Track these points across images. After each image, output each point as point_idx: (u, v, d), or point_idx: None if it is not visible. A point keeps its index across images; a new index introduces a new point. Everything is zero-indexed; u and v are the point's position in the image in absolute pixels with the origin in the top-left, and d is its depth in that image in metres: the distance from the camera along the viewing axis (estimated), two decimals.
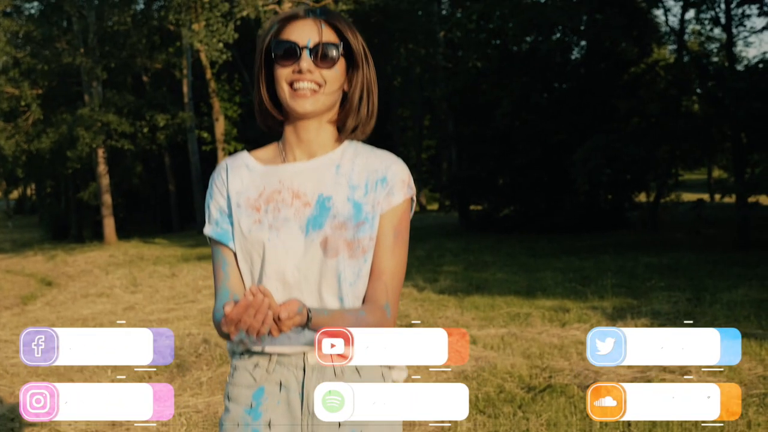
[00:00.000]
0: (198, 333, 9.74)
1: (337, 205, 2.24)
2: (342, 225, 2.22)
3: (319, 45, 2.22)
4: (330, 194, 2.25)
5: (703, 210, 24.39)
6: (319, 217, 2.23)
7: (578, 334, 9.04)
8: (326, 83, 2.24)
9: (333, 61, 2.24)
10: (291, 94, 2.24)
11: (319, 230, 2.21)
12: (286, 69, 2.24)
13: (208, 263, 19.88)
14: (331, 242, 2.20)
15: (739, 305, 10.87)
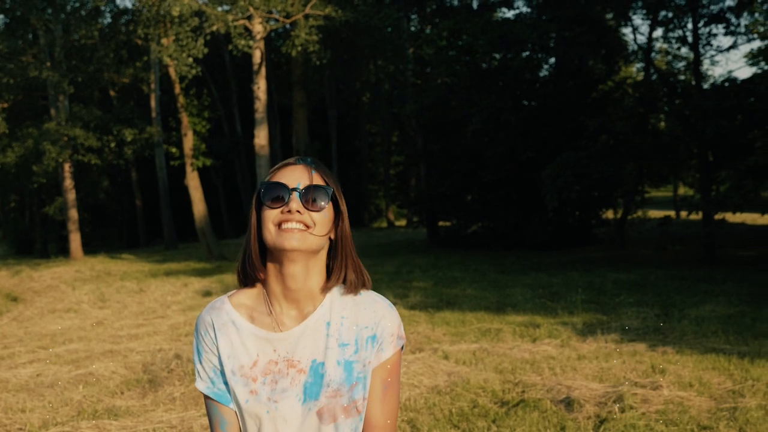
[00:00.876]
0: (169, 348, 9.69)
1: (329, 372, 2.22)
2: (336, 392, 2.21)
3: (310, 187, 2.20)
4: (322, 360, 2.23)
5: (669, 227, 24.57)
6: (314, 386, 2.21)
7: (549, 350, 9.08)
8: (315, 225, 2.19)
9: (322, 204, 2.20)
10: (278, 232, 2.17)
11: (315, 400, 2.20)
12: (274, 211, 2.19)
13: (176, 279, 19.79)
14: (328, 410, 2.20)
15: (707, 321, 10.96)
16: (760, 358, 8.20)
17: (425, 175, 32.78)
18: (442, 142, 29.15)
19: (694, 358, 8.32)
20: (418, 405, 6.88)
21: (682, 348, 8.97)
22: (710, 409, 6.39)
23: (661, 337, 9.90)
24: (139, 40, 32.90)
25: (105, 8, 35.60)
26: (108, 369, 8.56)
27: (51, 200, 36.32)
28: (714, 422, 6.01)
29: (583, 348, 9.18)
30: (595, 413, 6.36)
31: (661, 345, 9.22)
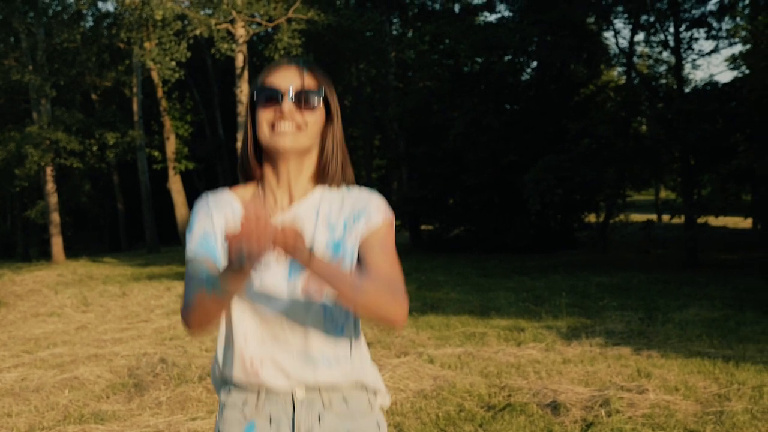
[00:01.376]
0: (154, 352, 9.66)
1: (318, 248, 2.27)
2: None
3: (302, 91, 2.27)
4: (310, 243, 2.27)
5: (652, 230, 24.67)
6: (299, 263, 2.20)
7: (534, 353, 9.09)
8: (307, 126, 2.28)
9: (314, 106, 2.28)
10: (271, 133, 2.26)
11: (300, 274, 2.24)
12: (267, 112, 2.27)
13: (159, 282, 19.74)
14: (314, 283, 2.22)
15: (691, 324, 11.01)
16: (745, 362, 8.25)
17: (407, 179, 32.81)
18: (424, 145, 29.19)
19: (679, 362, 8.35)
20: (404, 409, 6.89)
21: (667, 352, 9.01)
22: (696, 413, 6.42)
23: (645, 341, 9.93)
24: (121, 44, 32.86)
25: (87, 12, 35.58)
26: (93, 373, 8.53)
27: (33, 204, 36.21)
28: (701, 426, 6.04)
29: (568, 352, 9.20)
30: (581, 417, 6.38)
31: (646, 349, 9.25)
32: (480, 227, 27.99)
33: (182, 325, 2.27)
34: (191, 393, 7.42)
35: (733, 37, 21.65)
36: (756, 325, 10.94)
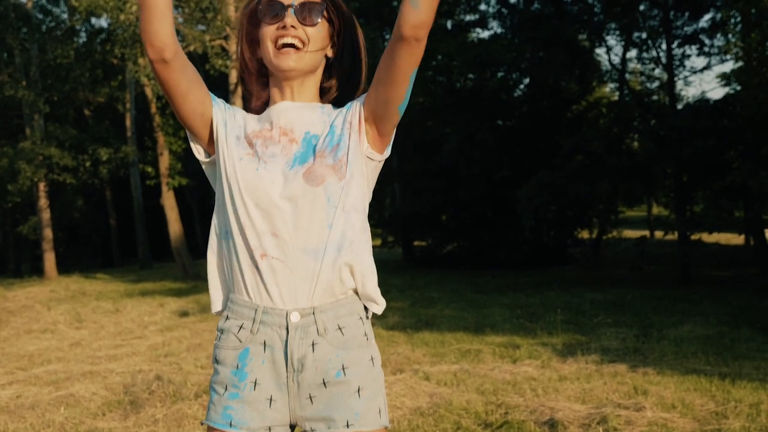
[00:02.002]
0: (149, 369, 9.64)
1: (318, 139, 2.33)
2: (322, 153, 2.29)
3: (305, 3, 2.31)
4: (316, 132, 2.33)
5: (645, 247, 24.70)
6: (306, 153, 2.30)
7: (530, 371, 9.09)
8: (309, 41, 2.32)
9: (316, 19, 2.32)
10: (275, 52, 2.31)
11: (304, 164, 2.28)
12: (270, 27, 2.32)
13: (153, 299, 19.73)
14: (315, 170, 2.26)
15: (686, 341, 11.02)
16: (741, 379, 8.25)
17: (400, 194, 32.83)
18: (417, 161, 29.22)
19: (676, 379, 8.36)
20: (401, 427, 6.88)
21: (663, 369, 9.01)
22: (694, 431, 6.42)
23: (641, 358, 9.94)
24: (114, 60, 32.86)
25: (80, 28, 35.58)
26: (88, 390, 8.51)
27: (25, 219, 36.10)
28: None
29: (564, 369, 9.21)
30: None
31: (642, 366, 9.25)
32: (473, 243, 28.02)
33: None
34: (187, 410, 7.40)
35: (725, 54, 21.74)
36: (751, 342, 10.96)
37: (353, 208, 2.32)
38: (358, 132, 2.35)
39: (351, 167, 2.31)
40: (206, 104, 2.35)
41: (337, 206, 2.27)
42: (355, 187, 2.32)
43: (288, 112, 2.35)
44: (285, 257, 2.25)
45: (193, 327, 14.19)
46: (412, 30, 2.17)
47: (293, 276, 2.27)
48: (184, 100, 2.31)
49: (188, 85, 2.29)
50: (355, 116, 2.36)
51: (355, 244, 2.32)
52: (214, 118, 2.36)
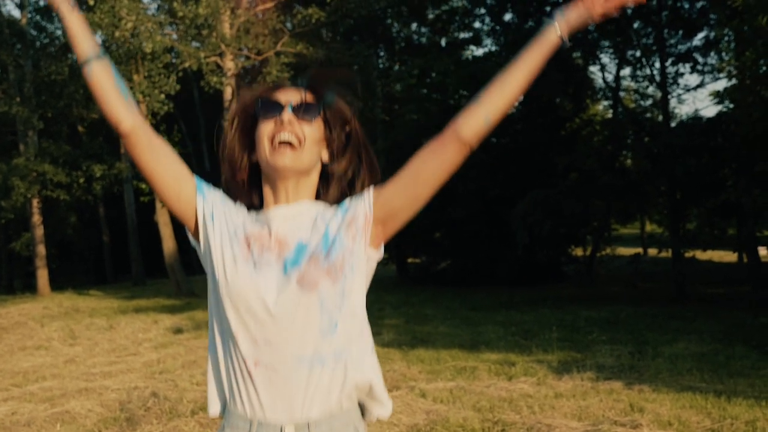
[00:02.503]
0: (145, 386, 9.62)
1: (311, 245, 2.27)
2: (316, 259, 2.23)
3: (303, 103, 2.31)
4: (308, 240, 2.28)
5: (639, 264, 24.74)
6: (298, 259, 2.24)
7: (526, 388, 9.09)
8: (306, 139, 2.29)
9: (313, 117, 2.32)
10: (271, 150, 2.27)
11: (296, 266, 2.22)
12: (268, 124, 2.29)
13: (147, 316, 19.69)
14: (309, 275, 2.21)
15: (681, 359, 11.03)
16: (736, 397, 8.26)
17: None
18: None
19: (671, 397, 8.37)
20: None
21: (659, 386, 9.02)
22: None
23: (636, 375, 9.95)
24: None
25: None
26: (84, 407, 8.49)
27: (18, 236, 36.05)
28: None
29: (560, 386, 9.21)
30: None
31: (637, 383, 9.26)
32: (467, 260, 28.02)
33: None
34: (184, 427, 7.39)
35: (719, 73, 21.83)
36: (746, 360, 10.97)
37: (350, 312, 2.27)
38: (363, 233, 2.32)
39: (347, 269, 2.26)
40: (184, 186, 2.33)
41: (332, 311, 2.23)
42: (351, 290, 2.27)
43: (284, 219, 2.32)
44: (279, 366, 2.21)
45: (188, 344, 14.17)
46: (475, 139, 2.28)
47: (287, 385, 2.22)
48: (154, 176, 2.31)
49: (155, 161, 2.29)
50: (359, 217, 2.32)
51: (353, 351, 2.28)
52: (199, 208, 2.34)
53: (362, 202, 2.34)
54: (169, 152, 2.33)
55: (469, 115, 2.26)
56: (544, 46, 2.26)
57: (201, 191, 2.35)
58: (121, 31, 23.37)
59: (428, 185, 2.33)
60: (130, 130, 2.25)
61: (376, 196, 2.34)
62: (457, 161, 2.31)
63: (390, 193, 2.33)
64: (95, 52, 2.26)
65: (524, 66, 2.28)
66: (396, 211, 2.33)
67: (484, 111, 2.26)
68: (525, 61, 2.28)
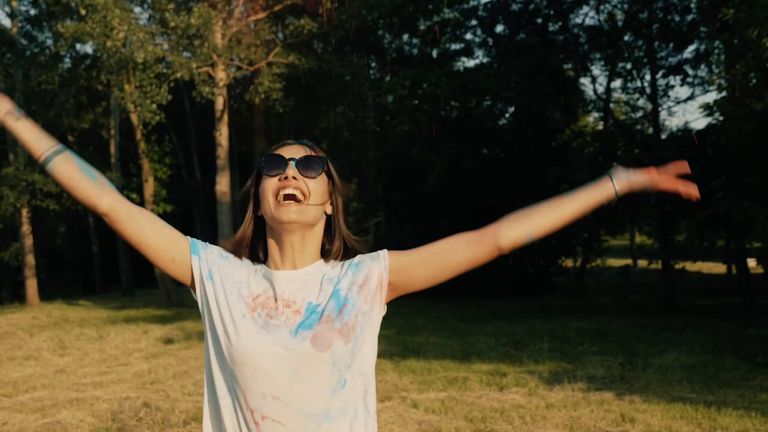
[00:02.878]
0: (137, 396, 9.61)
1: (322, 306, 2.28)
2: (328, 318, 2.24)
3: (306, 157, 2.34)
4: (319, 302, 2.28)
5: (629, 275, 24.79)
6: (311, 321, 2.24)
7: (517, 398, 9.11)
8: (310, 194, 2.30)
9: (317, 173, 2.33)
10: (275, 205, 2.28)
11: (308, 330, 2.23)
12: (272, 180, 2.31)
13: (137, 326, 19.64)
14: (323, 335, 2.21)
15: (671, 370, 11.06)
16: (726, 407, 8.29)
17: (384, 223, 32.85)
18: (402, 189, 29.27)
19: (662, 407, 8.39)
20: None
21: (649, 397, 9.05)
22: None
23: (627, 386, 9.97)
24: (99, 86, 32.87)
25: (65, 54, 35.58)
26: (75, 417, 8.48)
27: (7, 245, 35.95)
28: None
29: (551, 397, 9.23)
30: None
31: (628, 394, 9.29)
32: None
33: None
34: None
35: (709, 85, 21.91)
36: (735, 371, 11.01)
37: (359, 372, 2.30)
38: (377, 295, 2.36)
39: (359, 329, 2.28)
40: (176, 250, 2.35)
41: (342, 370, 2.24)
42: (362, 349, 2.30)
43: (291, 284, 2.32)
44: (286, 421, 2.21)
45: (179, 354, 14.16)
46: (511, 249, 2.37)
47: (297, 427, 2.22)
48: (142, 245, 2.32)
49: (139, 231, 2.30)
50: (372, 278, 2.36)
51: (358, 408, 2.30)
52: (195, 269, 2.35)
53: (377, 265, 2.38)
54: (153, 219, 2.34)
55: (514, 227, 2.37)
56: (598, 195, 2.42)
57: (196, 252, 2.36)
58: (112, 40, 23.37)
59: (451, 271, 2.41)
60: (107, 209, 2.28)
61: (392, 262, 2.39)
62: (486, 261, 2.40)
63: (409, 263, 2.39)
64: (52, 149, 2.30)
65: (575, 204, 2.41)
66: (411, 282, 2.40)
67: (528, 228, 2.38)
68: (577, 201, 2.42)
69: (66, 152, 2.31)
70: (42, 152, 2.29)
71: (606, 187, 2.41)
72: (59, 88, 33.04)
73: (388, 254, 2.41)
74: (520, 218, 2.38)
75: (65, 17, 32.03)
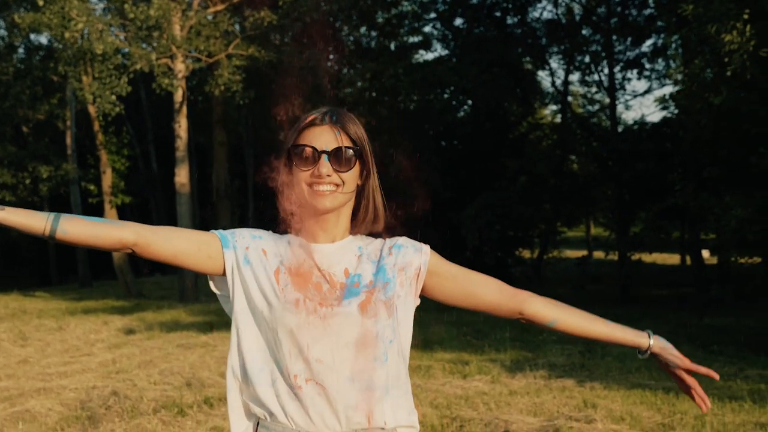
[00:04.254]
0: (104, 385, 9.64)
1: (366, 277, 2.35)
2: (374, 289, 2.32)
3: (338, 149, 2.32)
4: (359, 272, 2.36)
5: (586, 266, 25.10)
6: (358, 289, 2.31)
7: (481, 386, 9.27)
8: (344, 184, 2.33)
9: (350, 165, 2.34)
10: (310, 192, 2.32)
11: (355, 297, 2.30)
12: (305, 173, 2.32)
13: (96, 317, 19.59)
14: (369, 303, 2.29)
15: (629, 358, 11.28)
16: (684, 394, 8.49)
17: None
18: None
19: (622, 393, 8.60)
20: None
21: (609, 383, 9.25)
22: None
23: (587, 373, 10.18)
24: (55, 77, 32.62)
25: (20, 44, 35.27)
26: (44, 406, 8.51)
27: None
28: None
29: (514, 384, 9.40)
30: None
31: (589, 381, 9.49)
32: None
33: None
34: (147, 425, 7.46)
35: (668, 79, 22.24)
36: (692, 359, 11.02)
37: (399, 352, 2.36)
38: (412, 283, 2.43)
39: (398, 310, 2.35)
40: (209, 250, 2.36)
41: (386, 343, 2.30)
42: (400, 330, 2.36)
43: (330, 255, 2.37)
44: (329, 384, 2.26)
45: (141, 344, 14.17)
46: (528, 319, 2.53)
47: (334, 404, 2.26)
48: (179, 259, 2.34)
49: (173, 247, 2.32)
50: (412, 267, 2.44)
51: (400, 388, 2.37)
52: (228, 262, 2.37)
53: (419, 256, 2.47)
54: (177, 229, 2.38)
55: (544, 306, 2.53)
56: (632, 338, 2.55)
57: (227, 245, 2.38)
58: (71, 32, 23.22)
59: (472, 304, 2.51)
60: (135, 239, 2.28)
61: (433, 263, 2.48)
62: (504, 316, 2.53)
63: (445, 274, 2.49)
64: (50, 217, 2.24)
65: (607, 329, 2.56)
66: (435, 291, 2.49)
67: (556, 316, 2.52)
68: (610, 328, 2.56)
69: (64, 214, 2.28)
70: (43, 224, 2.22)
71: (642, 337, 2.53)
72: (14, 79, 32.71)
73: (431, 253, 2.48)
74: (555, 304, 2.53)
75: (20, 7, 31.78)
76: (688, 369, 2.59)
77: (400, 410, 2.37)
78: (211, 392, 9.13)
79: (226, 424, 7.52)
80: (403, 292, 2.39)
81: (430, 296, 2.50)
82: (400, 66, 25.87)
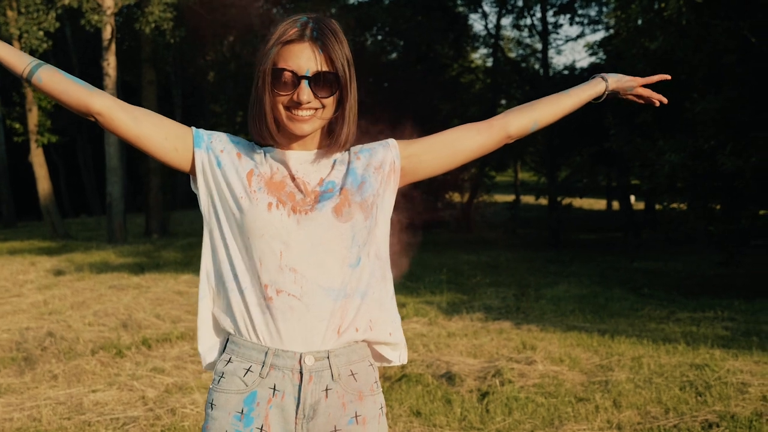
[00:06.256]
0: (38, 327, 9.50)
1: (338, 183, 2.29)
2: (348, 191, 2.26)
3: (318, 74, 2.20)
4: (332, 179, 2.30)
5: (516, 211, 25.34)
6: (332, 193, 2.26)
7: (419, 327, 9.34)
8: (324, 108, 2.23)
9: (331, 90, 2.22)
10: (288, 116, 2.22)
11: (329, 200, 2.24)
12: (284, 97, 2.21)
13: (23, 258, 19.29)
14: (345, 206, 2.24)
15: (563, 300, 11.48)
16: (619, 335, 8.67)
17: None
18: None
19: (558, 335, 8.72)
20: None
21: (546, 326, 9.38)
22: (583, 383, 6.74)
23: (523, 316, 10.31)
24: None
25: None
26: None
27: None
28: (590, 394, 6.36)
29: (451, 326, 9.49)
30: (476, 387, 6.63)
31: (525, 323, 9.61)
32: None
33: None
34: (86, 366, 7.39)
35: (599, 24, 22.34)
36: (624, 301, 11.49)
37: (374, 252, 2.33)
38: (389, 180, 2.39)
39: (375, 210, 2.31)
40: (179, 142, 2.32)
41: (360, 246, 2.26)
42: (376, 231, 2.33)
43: (304, 164, 2.31)
44: (302, 294, 2.20)
45: (72, 286, 13.98)
46: (518, 136, 2.57)
47: (308, 315, 2.21)
48: (141, 140, 2.29)
49: (138, 127, 2.27)
50: (386, 164, 2.38)
51: (377, 292, 2.33)
52: (197, 159, 2.31)
53: (389, 151, 2.40)
54: (151, 113, 2.31)
55: (520, 117, 2.54)
56: (592, 91, 2.64)
57: (199, 143, 2.32)
58: None
59: (461, 158, 2.49)
60: (100, 108, 2.24)
61: (402, 148, 2.41)
62: (494, 148, 2.54)
63: (420, 150, 2.42)
64: (34, 62, 2.24)
65: (572, 98, 2.62)
66: (420, 169, 2.44)
67: (534, 117, 2.56)
68: (574, 96, 2.62)
69: (48, 65, 2.25)
70: (24, 65, 2.22)
71: (599, 84, 2.63)
72: None
73: (397, 142, 2.43)
74: (525, 109, 2.56)
75: None
76: (643, 83, 2.71)
77: (379, 323, 2.34)
78: (149, 333, 9.07)
79: (165, 365, 7.48)
80: (382, 189, 2.35)
81: (417, 178, 2.48)
82: (334, 6, 25.64)
